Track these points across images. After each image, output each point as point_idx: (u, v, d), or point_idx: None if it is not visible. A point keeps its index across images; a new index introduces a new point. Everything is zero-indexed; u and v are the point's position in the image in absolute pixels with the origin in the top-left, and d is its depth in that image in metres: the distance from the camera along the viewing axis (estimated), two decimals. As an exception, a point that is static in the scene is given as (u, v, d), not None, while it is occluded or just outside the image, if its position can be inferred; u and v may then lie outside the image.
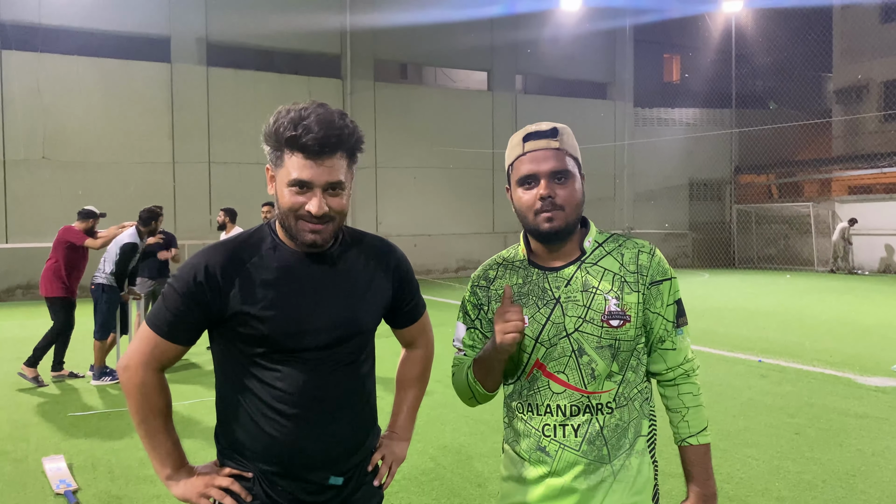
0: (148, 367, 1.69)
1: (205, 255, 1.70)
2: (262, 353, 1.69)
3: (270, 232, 1.76)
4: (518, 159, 1.80)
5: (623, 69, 24.79)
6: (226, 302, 1.66)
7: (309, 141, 1.58)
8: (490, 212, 22.01)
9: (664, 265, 1.81)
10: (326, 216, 1.64)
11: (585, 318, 1.75)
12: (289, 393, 1.69)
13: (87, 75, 16.58)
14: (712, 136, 25.24)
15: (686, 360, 1.83)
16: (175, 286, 1.68)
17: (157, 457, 1.72)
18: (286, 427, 1.69)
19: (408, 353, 2.09)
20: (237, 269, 1.68)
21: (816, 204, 23.04)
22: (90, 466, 4.79)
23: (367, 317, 1.82)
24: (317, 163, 1.61)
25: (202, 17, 17.81)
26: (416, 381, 2.08)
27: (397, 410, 2.06)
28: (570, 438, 1.76)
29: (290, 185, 1.63)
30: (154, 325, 1.69)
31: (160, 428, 1.72)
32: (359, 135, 1.68)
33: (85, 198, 14.92)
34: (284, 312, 1.67)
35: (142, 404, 1.70)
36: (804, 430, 5.49)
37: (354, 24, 19.60)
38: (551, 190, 1.74)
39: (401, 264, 1.92)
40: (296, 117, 1.60)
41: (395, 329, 2.02)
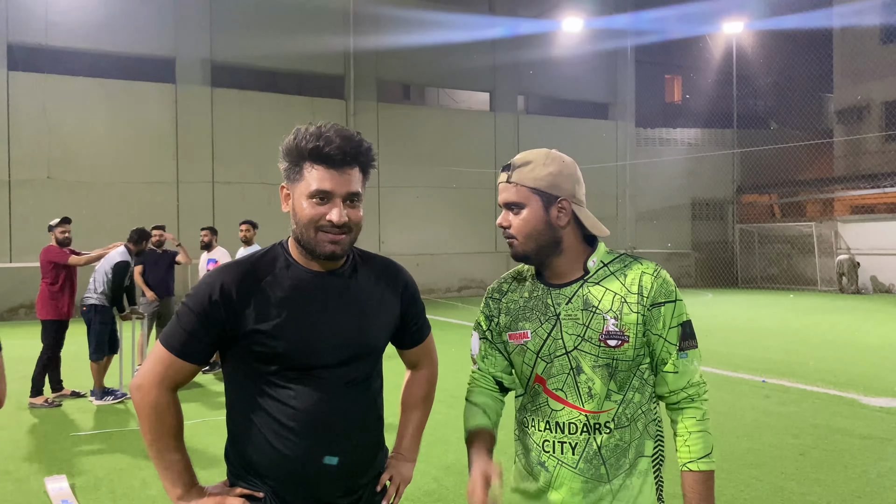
0: (161, 386, 1.70)
1: (220, 274, 1.72)
2: (275, 371, 1.71)
3: (283, 251, 1.78)
4: None
5: (625, 90, 24.94)
6: (240, 320, 1.67)
7: (332, 151, 1.64)
8: (492, 231, 22.04)
9: (668, 287, 1.80)
10: (346, 226, 1.69)
11: (584, 337, 1.77)
12: (301, 411, 1.70)
13: (93, 96, 16.74)
14: (714, 156, 25.33)
15: (690, 385, 1.81)
16: (190, 305, 1.70)
17: (169, 477, 1.72)
18: (298, 445, 1.70)
19: (413, 375, 2.10)
20: (252, 288, 1.70)
21: (819, 224, 23.05)
22: (92, 487, 4.77)
23: (378, 336, 1.85)
24: (338, 172, 1.66)
25: (207, 38, 17.99)
26: (421, 403, 2.09)
27: (402, 432, 2.07)
28: (568, 456, 1.78)
29: (310, 196, 1.66)
30: (168, 344, 1.70)
31: (172, 447, 1.72)
32: (373, 153, 1.75)
33: (89, 217, 15.00)
34: (298, 330, 1.69)
35: (154, 424, 1.70)
36: (809, 451, 5.46)
37: (358, 46, 19.77)
38: (504, 219, 1.84)
39: (409, 286, 1.95)
40: (316, 132, 1.67)
41: (400, 350, 2.04)
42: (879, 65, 24.00)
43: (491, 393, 1.98)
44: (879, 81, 24.00)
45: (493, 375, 1.97)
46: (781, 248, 24.33)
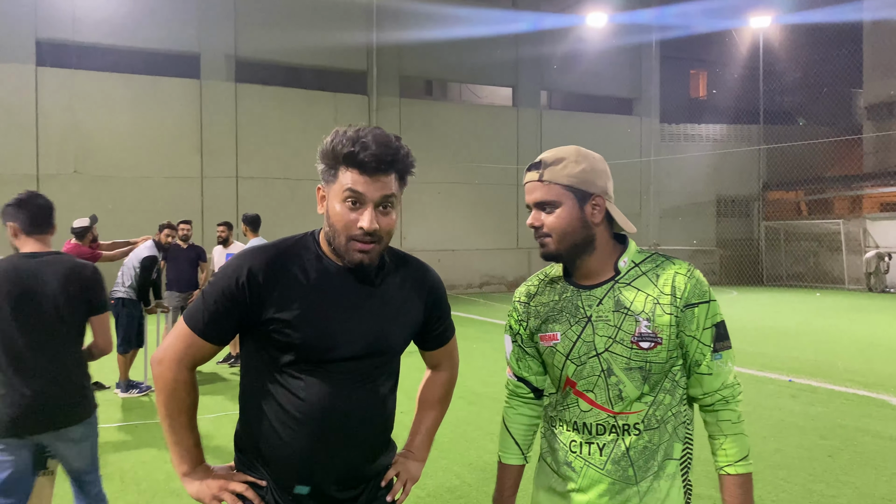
0: (181, 363, 1.73)
1: (249, 256, 1.72)
2: (290, 362, 1.71)
3: (314, 242, 1.78)
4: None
5: (649, 85, 24.69)
6: (263, 306, 1.67)
7: (366, 157, 1.62)
8: (514, 228, 21.96)
9: (702, 287, 1.77)
10: (377, 234, 1.67)
11: (615, 339, 1.74)
12: (310, 404, 1.70)
13: (119, 91, 16.91)
14: (739, 152, 25.01)
15: (725, 386, 1.78)
16: (217, 285, 1.70)
17: (178, 452, 1.75)
18: (303, 437, 1.71)
19: (432, 375, 2.09)
20: (279, 275, 1.70)
21: (847, 221, 22.67)
22: (117, 479, 4.82)
23: (398, 337, 1.83)
24: (372, 179, 1.65)
25: (231, 34, 18.10)
26: (437, 403, 2.08)
27: (415, 430, 2.06)
28: (595, 457, 1.77)
29: (343, 199, 1.66)
30: (191, 322, 1.72)
31: (185, 424, 1.75)
32: (412, 158, 1.72)
33: (114, 212, 15.18)
34: (317, 323, 1.69)
35: (170, 399, 1.74)
36: (838, 452, 5.36)
37: (380, 41, 19.78)
38: (536, 219, 1.80)
39: (435, 288, 1.93)
40: (353, 136, 1.65)
41: (422, 350, 2.04)
42: (911, 59, 23.51)
43: (527, 408, 1.99)
44: (911, 76, 23.51)
45: (527, 380, 1.96)
46: (808, 245, 23.97)
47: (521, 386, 1.96)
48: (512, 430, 1.97)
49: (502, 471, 1.98)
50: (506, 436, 1.98)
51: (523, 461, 1.97)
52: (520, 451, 1.96)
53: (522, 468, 1.97)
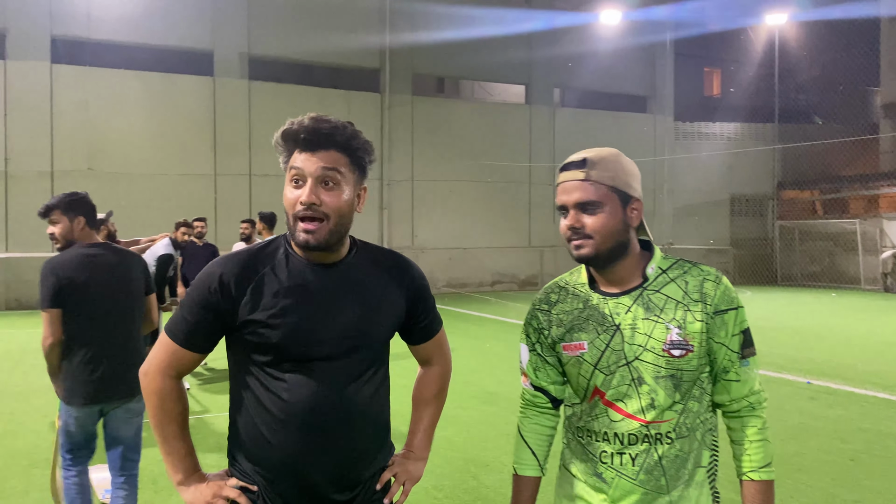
0: (165, 373, 1.74)
1: (220, 264, 1.74)
2: (270, 362, 1.71)
3: (285, 242, 1.79)
4: (556, 189, 1.83)
5: (663, 83, 24.53)
6: (237, 310, 1.69)
7: (302, 131, 1.66)
8: (526, 226, 21.88)
9: (730, 294, 1.75)
10: (318, 210, 1.65)
11: (646, 347, 1.72)
12: (294, 404, 1.70)
13: (133, 88, 16.98)
14: (754, 151, 24.81)
15: (751, 393, 1.77)
16: (192, 295, 1.73)
17: (171, 461, 1.76)
18: (289, 438, 1.70)
19: (424, 371, 2.07)
20: (250, 279, 1.71)
21: (863, 221, 22.45)
22: (133, 477, 4.81)
23: (377, 330, 1.81)
24: (310, 154, 1.66)
25: (244, 31, 18.13)
26: (432, 400, 2.06)
27: (414, 429, 2.04)
28: (628, 467, 1.73)
29: (290, 179, 1.69)
30: (172, 333, 1.74)
31: (176, 433, 1.76)
32: (359, 137, 1.71)
33: (128, 208, 15.21)
34: (293, 321, 1.69)
35: (158, 410, 1.75)
36: (859, 456, 5.29)
37: (393, 39, 19.75)
38: (577, 220, 1.74)
39: (416, 280, 1.91)
40: (294, 120, 1.70)
41: (410, 346, 2.02)
42: (929, 57, 23.23)
43: (544, 418, 1.95)
44: (929, 74, 23.24)
45: (545, 389, 1.92)
46: (823, 245, 23.75)
47: (539, 395, 1.92)
48: (528, 440, 1.93)
49: (518, 483, 1.92)
50: (522, 446, 1.93)
51: (540, 473, 1.92)
52: (537, 463, 1.91)
53: (539, 480, 1.92)
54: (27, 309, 15.33)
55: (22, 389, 7.49)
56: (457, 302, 16.86)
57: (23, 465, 5.10)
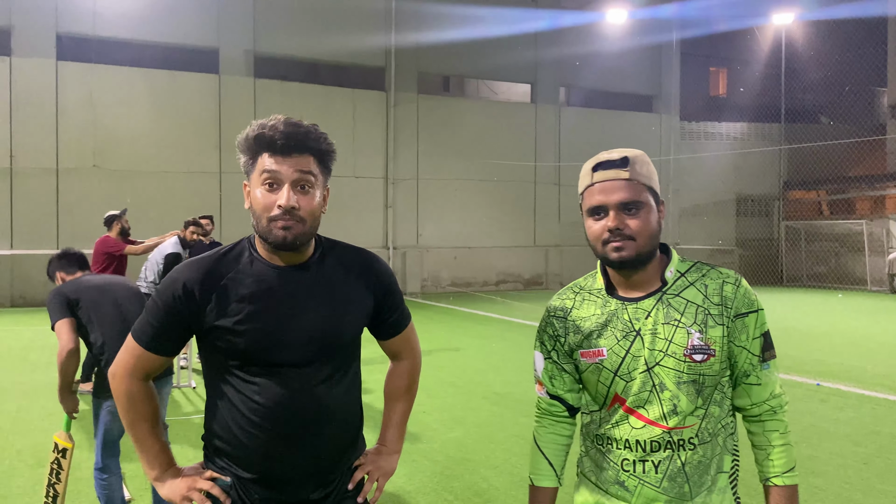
0: (133, 376, 1.76)
1: (183, 270, 1.74)
2: (239, 366, 1.72)
3: (249, 246, 1.79)
4: (588, 189, 1.75)
5: (669, 82, 24.46)
6: (203, 317, 1.70)
7: (277, 136, 1.65)
8: (531, 225, 21.83)
9: (750, 296, 1.73)
10: (296, 213, 1.66)
11: (667, 352, 1.68)
12: (265, 407, 1.70)
13: (138, 86, 16.96)
14: (760, 151, 24.72)
15: (773, 396, 1.74)
16: (157, 300, 1.73)
17: (146, 459, 1.78)
18: (262, 440, 1.72)
19: (394, 366, 2.08)
20: (214, 285, 1.71)
21: (870, 221, 22.35)
22: (142, 475, 4.77)
23: (346, 330, 1.81)
24: (285, 158, 1.67)
25: (250, 29, 18.10)
26: (403, 394, 2.07)
27: (386, 423, 2.06)
28: (651, 475, 1.70)
29: (262, 182, 1.68)
30: (137, 336, 1.76)
31: (148, 432, 1.78)
32: (328, 141, 1.73)
33: (133, 206, 15.18)
34: (260, 326, 1.69)
35: (129, 410, 1.77)
36: (872, 459, 5.23)
37: (399, 38, 19.71)
38: (620, 221, 1.69)
39: (382, 275, 1.90)
40: (264, 122, 1.70)
41: (379, 341, 2.02)
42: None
43: (561, 427, 1.91)
44: (937, 75, 23.12)
45: (561, 398, 1.88)
46: (829, 246, 23.67)
47: (556, 404, 1.88)
48: (545, 450, 1.88)
49: (535, 494, 1.87)
50: (538, 457, 1.89)
51: (557, 483, 1.87)
52: (554, 473, 1.87)
53: (556, 490, 1.87)
54: (32, 306, 15.33)
55: (27, 388, 7.46)
56: (462, 301, 16.82)
57: (29, 464, 5.07)
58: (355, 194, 19.05)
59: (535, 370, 1.92)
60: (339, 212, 18.65)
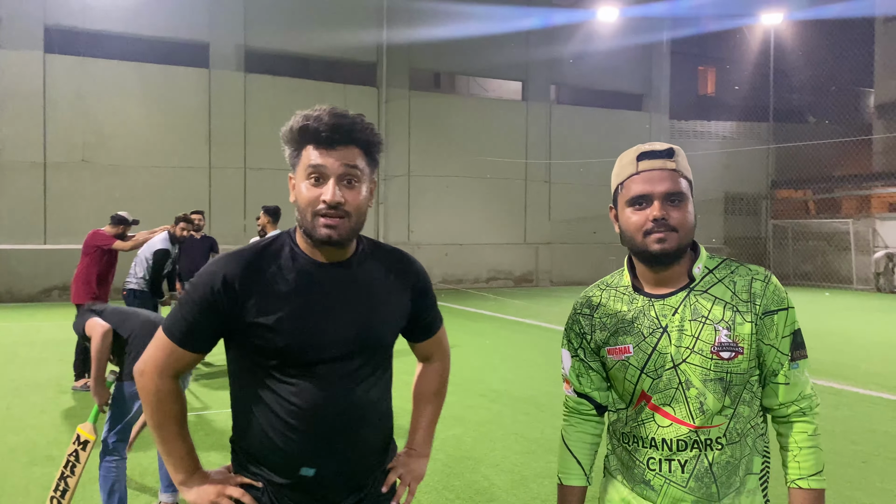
0: (163, 373, 1.69)
1: (223, 263, 1.66)
2: (276, 366, 1.66)
3: (290, 240, 1.72)
4: (630, 178, 1.72)
5: (659, 81, 24.54)
6: (242, 312, 1.63)
7: (321, 128, 1.60)
8: (522, 222, 21.83)
9: (780, 293, 1.70)
10: (341, 208, 1.61)
11: (694, 349, 1.65)
12: (302, 408, 1.65)
13: (128, 80, 16.80)
14: (749, 150, 24.86)
15: (802, 397, 1.71)
16: (192, 294, 1.66)
17: (172, 462, 1.71)
18: (298, 443, 1.66)
19: (424, 368, 2.04)
20: (254, 279, 1.64)
21: (856, 221, 22.55)
22: (137, 475, 4.71)
23: (385, 330, 1.78)
24: (330, 151, 1.61)
25: (241, 24, 17.97)
26: (433, 396, 2.03)
27: (415, 426, 2.01)
28: (677, 474, 1.67)
29: (306, 176, 1.63)
30: (169, 332, 1.68)
31: (175, 433, 1.71)
32: (375, 132, 1.68)
33: (122, 201, 15.07)
34: (300, 324, 1.64)
35: (156, 410, 1.70)
36: (871, 458, 5.26)
37: (391, 34, 19.64)
38: (665, 212, 1.66)
39: (420, 277, 1.87)
40: (309, 114, 1.64)
41: (411, 343, 1.98)
42: (923, 58, 23.34)
43: (589, 425, 1.89)
44: (923, 76, 23.34)
45: (589, 396, 1.86)
46: (816, 244, 23.86)
47: (584, 402, 1.86)
48: (574, 449, 1.86)
49: (564, 493, 1.86)
50: (567, 456, 1.87)
51: (586, 482, 1.86)
52: (583, 472, 1.85)
53: (585, 490, 1.85)
54: (20, 301, 15.15)
55: (17, 385, 7.37)
56: (454, 298, 16.79)
57: (22, 462, 5.00)
58: (346, 190, 18.95)
59: (563, 368, 1.90)
60: (330, 208, 18.62)
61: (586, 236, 22.29)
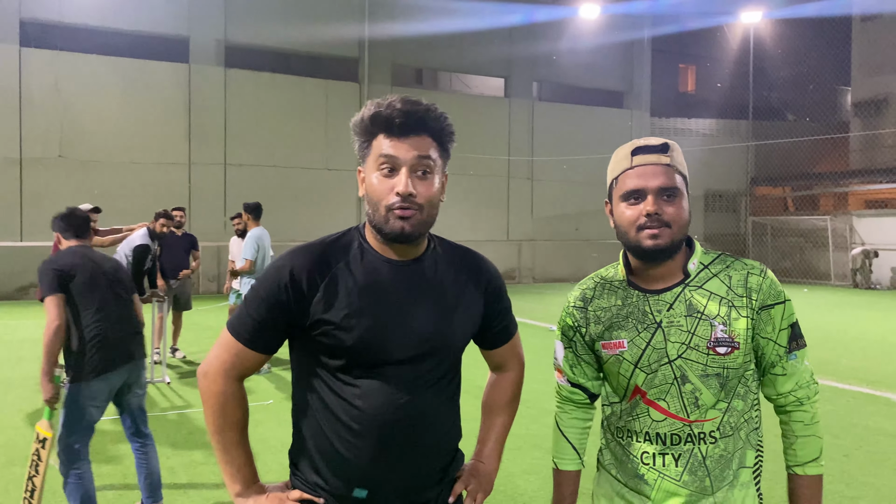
0: (228, 375, 1.60)
1: (290, 257, 1.59)
2: (342, 367, 1.58)
3: (359, 236, 1.66)
4: (624, 173, 1.71)
5: (640, 79, 24.66)
6: (309, 308, 1.56)
7: (394, 115, 1.54)
8: (505, 219, 21.85)
9: (777, 287, 1.71)
10: (414, 201, 1.55)
11: (689, 345, 1.66)
12: (368, 413, 1.57)
13: (106, 74, 16.56)
14: (728, 147, 25.08)
15: (799, 387, 1.73)
16: (258, 290, 1.58)
17: (229, 472, 1.62)
18: (363, 451, 1.57)
19: (497, 377, 1.93)
20: (323, 274, 1.57)
21: (834, 218, 22.84)
22: (119, 475, 4.65)
23: (457, 332, 1.68)
24: (402, 139, 1.55)
25: (221, 18, 17.78)
26: (505, 407, 1.92)
27: (484, 437, 1.91)
28: (671, 468, 1.68)
29: (378, 167, 1.56)
30: (235, 331, 1.60)
31: (235, 441, 1.62)
32: (448, 122, 1.62)
33: (100, 197, 14.84)
34: (369, 322, 1.56)
35: (218, 415, 1.61)
36: (852, 452, 5.31)
37: (373, 29, 19.55)
38: (658, 206, 1.65)
39: (494, 279, 1.79)
40: (381, 101, 1.58)
41: (484, 350, 1.88)
42: (899, 57, 23.68)
43: (582, 412, 1.91)
44: (899, 74, 23.68)
45: (584, 386, 1.87)
46: (794, 241, 24.13)
47: (577, 392, 1.88)
48: (568, 434, 1.89)
49: (560, 477, 1.89)
50: (561, 441, 1.89)
51: (581, 466, 1.89)
52: (577, 456, 1.88)
53: (580, 473, 1.89)
54: (-6, 299, 14.90)
55: (-5, 383, 7.24)
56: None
57: (1, 462, 4.91)
58: (328, 187, 18.87)
59: (556, 358, 1.91)
60: (312, 204, 18.48)
61: (569, 233, 22.37)
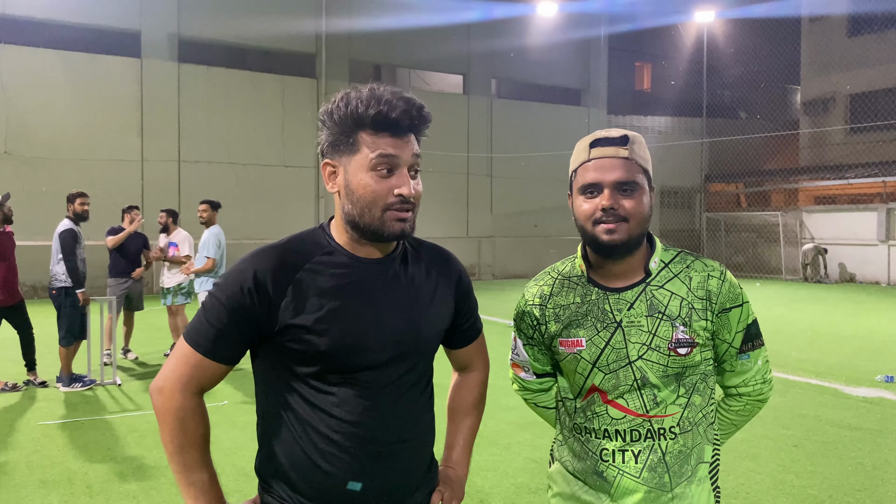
0: (186, 389, 1.47)
1: (253, 260, 1.48)
2: (315, 374, 1.48)
3: (325, 235, 1.56)
4: (582, 166, 1.68)
5: (597, 76, 24.90)
6: (276, 314, 1.45)
7: (398, 116, 1.45)
8: (464, 216, 21.87)
9: (735, 290, 1.71)
10: (410, 203, 1.50)
11: (650, 346, 1.65)
12: (346, 421, 1.48)
13: (53, 69, 16.07)
14: (683, 144, 25.49)
15: (745, 384, 1.78)
16: (219, 296, 1.46)
17: (191, 494, 1.49)
18: (342, 460, 1.48)
19: (462, 378, 1.84)
20: (289, 277, 1.47)
21: (784, 213, 23.39)
22: (66, 481, 4.50)
23: (433, 332, 1.62)
24: (402, 140, 1.48)
25: (174, 11, 17.40)
26: (472, 409, 1.84)
27: (452, 442, 1.82)
28: (630, 465, 1.67)
29: (373, 167, 1.46)
30: (194, 341, 1.47)
31: (197, 460, 1.49)
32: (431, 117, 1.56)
33: (49, 195, 14.44)
34: (342, 325, 1.46)
35: (177, 433, 1.47)
36: (802, 442, 5.43)
37: (330, 24, 19.35)
38: (615, 201, 1.61)
39: (463, 276, 1.72)
40: (374, 95, 1.47)
41: (450, 349, 1.79)
42: (846, 57, 24.34)
43: (552, 391, 1.93)
44: (845, 73, 24.35)
45: (545, 371, 1.87)
46: (747, 236, 24.66)
47: (547, 379, 1.89)
48: (549, 405, 1.95)
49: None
50: (547, 413, 1.97)
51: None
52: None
53: None
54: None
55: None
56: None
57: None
58: (285, 184, 18.63)
59: (518, 356, 1.88)
60: (268, 201, 18.22)
61: (527, 230, 22.49)
